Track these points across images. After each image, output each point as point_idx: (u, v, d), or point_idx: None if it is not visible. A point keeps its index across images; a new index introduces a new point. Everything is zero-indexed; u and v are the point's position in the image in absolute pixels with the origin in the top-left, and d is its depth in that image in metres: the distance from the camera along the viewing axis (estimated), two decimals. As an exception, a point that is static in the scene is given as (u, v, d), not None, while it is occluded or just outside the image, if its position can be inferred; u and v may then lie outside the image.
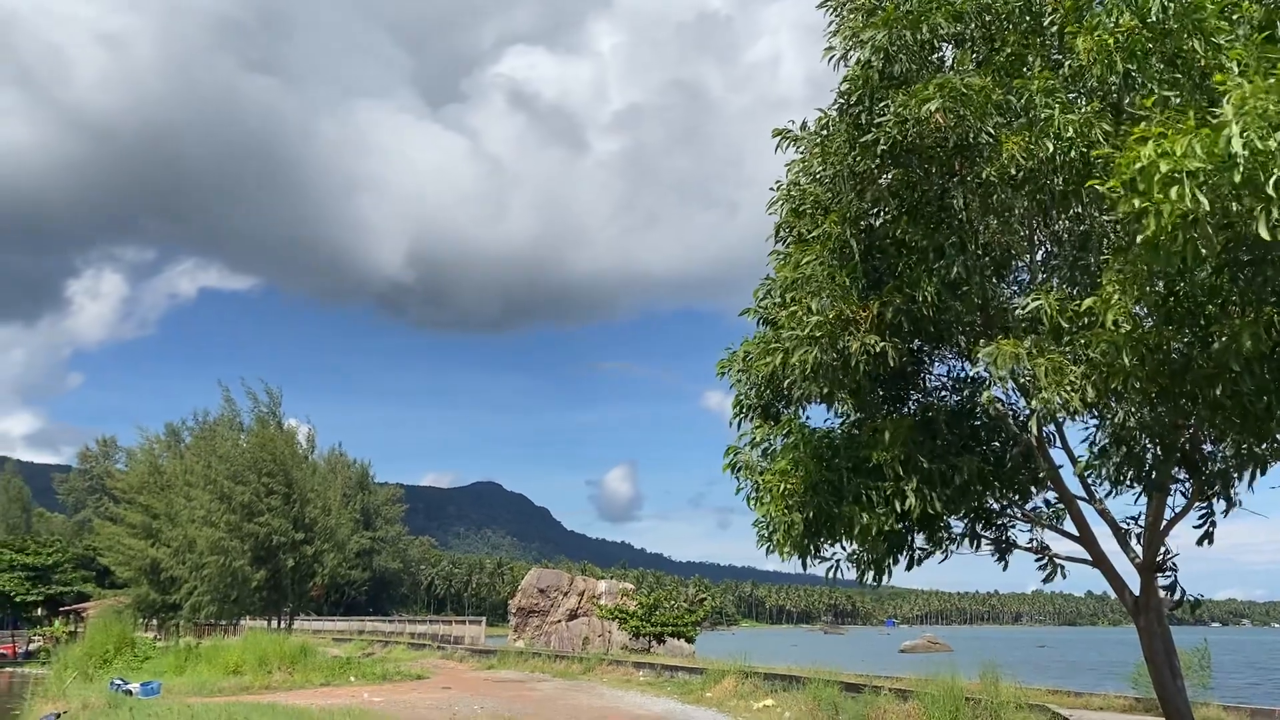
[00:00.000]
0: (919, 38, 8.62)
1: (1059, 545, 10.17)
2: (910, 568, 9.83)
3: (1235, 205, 6.15)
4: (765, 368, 9.31)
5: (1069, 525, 9.88)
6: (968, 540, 9.90)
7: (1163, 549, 9.40)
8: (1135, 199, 6.41)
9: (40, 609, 74.07)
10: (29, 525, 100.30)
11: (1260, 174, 5.93)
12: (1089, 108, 8.05)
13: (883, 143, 8.56)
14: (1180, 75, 7.74)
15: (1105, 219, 8.52)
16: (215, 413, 52.14)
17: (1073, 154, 7.98)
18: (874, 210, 9.32)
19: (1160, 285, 7.39)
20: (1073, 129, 7.93)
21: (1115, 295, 7.29)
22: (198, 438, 53.52)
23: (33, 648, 60.35)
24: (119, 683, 25.54)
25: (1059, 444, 9.61)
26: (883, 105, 8.67)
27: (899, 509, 8.91)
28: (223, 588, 43.25)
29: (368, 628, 62.22)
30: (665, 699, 23.77)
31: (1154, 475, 8.87)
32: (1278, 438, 7.92)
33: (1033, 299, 8.11)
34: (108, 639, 33.96)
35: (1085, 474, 9.30)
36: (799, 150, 9.86)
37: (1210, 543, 8.95)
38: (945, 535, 9.83)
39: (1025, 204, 8.70)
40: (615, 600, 41.36)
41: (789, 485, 9.33)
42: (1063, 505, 9.88)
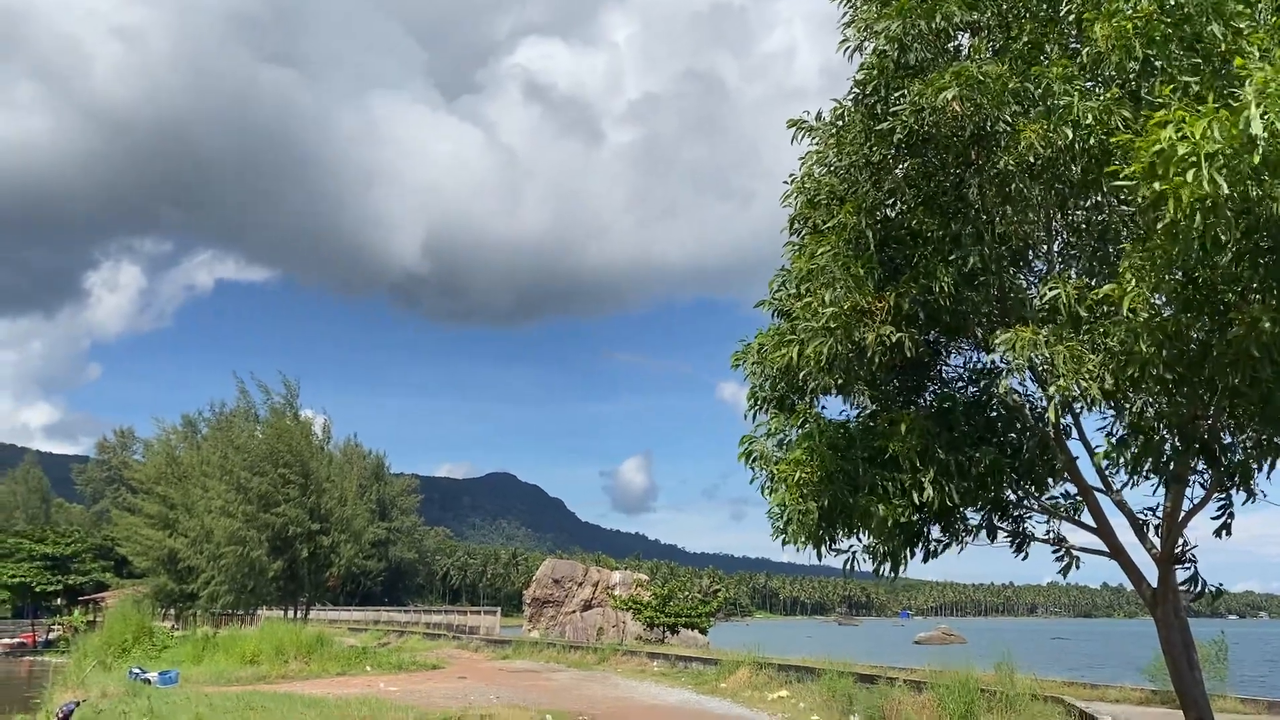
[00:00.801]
0: (934, 26, 8.55)
1: (1076, 537, 10.13)
2: (927, 560, 9.75)
3: (1255, 190, 6.09)
4: (780, 359, 9.28)
5: (1086, 517, 9.83)
6: (985, 532, 9.82)
7: (1181, 540, 9.35)
8: (1154, 183, 6.35)
9: (59, 598, 74.81)
10: (48, 516, 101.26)
11: (1281, 158, 5.88)
12: (1107, 95, 7.98)
13: (898, 132, 8.51)
14: (1200, 61, 7.66)
15: (1124, 208, 8.46)
16: (232, 404, 52.51)
17: (1091, 141, 7.92)
18: (890, 200, 9.28)
19: (1179, 272, 7.32)
20: (1091, 116, 7.87)
21: (1133, 283, 7.23)
22: (214, 429, 53.91)
23: (52, 636, 61.02)
24: (137, 672, 25.77)
25: (1076, 435, 9.54)
26: (898, 94, 8.61)
27: (916, 500, 8.88)
28: (240, 577, 43.58)
29: (383, 618, 62.70)
30: (680, 689, 23.84)
31: (1172, 466, 8.80)
32: (1298, 428, 7.85)
33: (1050, 288, 8.05)
34: (126, 628, 34.31)
35: (1103, 465, 9.22)
36: (814, 141, 9.81)
37: (1228, 534, 8.88)
38: (962, 527, 9.77)
39: (1043, 193, 8.65)
40: (629, 591, 41.47)
41: (804, 475, 9.25)
42: (1080, 496, 9.82)
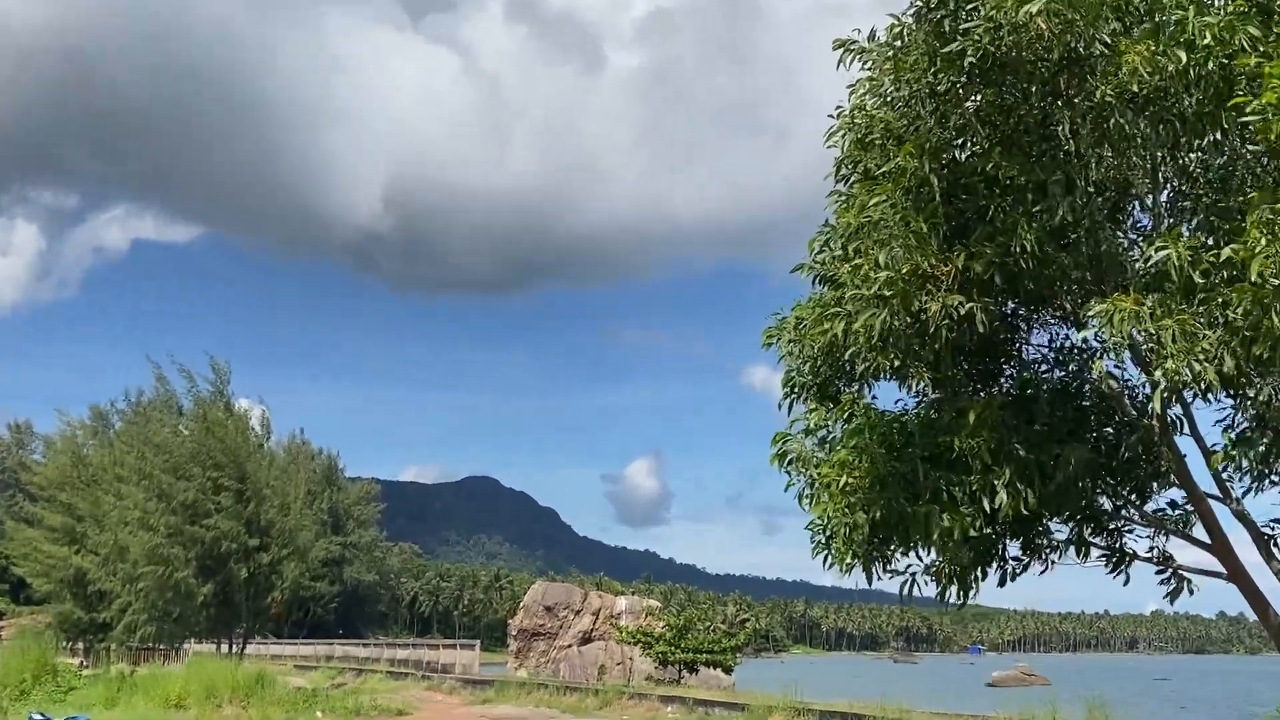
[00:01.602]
0: (1017, -78, 8.50)
1: (1186, 555, 10.13)
2: (1002, 583, 9.86)
3: None
4: (823, 336, 9.35)
5: (1199, 531, 9.83)
6: (1073, 548, 9.90)
7: (1317, 560, 9.34)
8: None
9: (-59, 630, 75.42)
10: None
11: None
12: (1231, 7, 7.92)
13: (970, 55, 8.49)
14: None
15: (1250, 148, 8.39)
16: (150, 393, 52.61)
17: (1210, 66, 7.87)
18: (959, 140, 9.26)
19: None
20: (1210, 35, 7.81)
21: (1262, 241, 7.19)
22: (129, 423, 54.07)
23: (-66, 676, 61.47)
24: (38, 718, 25.97)
25: (1187, 430, 9.54)
26: (971, 9, 8.58)
27: (988, 509, 8.92)
28: (162, 604, 43.77)
29: (338, 653, 63.05)
30: (699, 741, 23.94)
31: (1307, 468, 8.81)
32: None
33: (1158, 248, 8.03)
34: (24, 665, 34.54)
35: (1220, 467, 9.21)
36: (866, 66, 9.79)
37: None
38: (1045, 542, 9.85)
39: (1149, 130, 8.61)
40: (638, 621, 41.61)
41: (851, 480, 9.33)
42: (1191, 506, 9.82)
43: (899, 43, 9.48)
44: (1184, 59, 7.89)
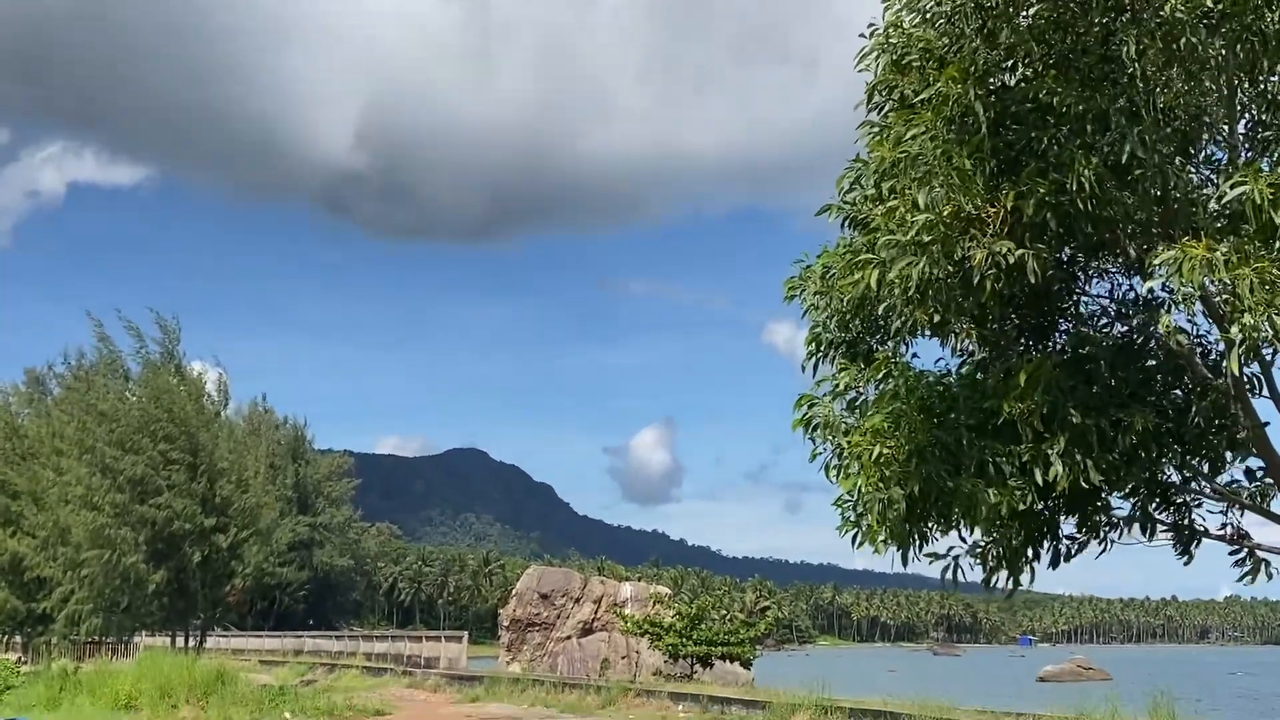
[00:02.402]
0: None
1: (1264, 534, 10.18)
2: (1055, 564, 9.95)
3: None
4: (853, 287, 9.43)
5: (1279, 505, 9.84)
6: (1136, 526, 9.94)
7: None
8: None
9: None
10: None
11: None
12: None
13: (1022, -37, 8.44)
14: None
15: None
16: (92, 355, 52.76)
17: (1295, -23, 7.80)
18: (1008, 62, 9.27)
19: None
20: (1296, -60, 7.74)
21: (1352, 179, 7.17)
22: (70, 389, 54.27)
23: None
24: (-27, 720, 26.21)
25: (1266, 392, 9.56)
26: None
27: (1040, 482, 9.00)
28: (109, 592, 44.13)
29: (308, 646, 63.42)
30: (714, 743, 24.12)
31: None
32: None
33: (1234, 184, 8.00)
34: (-44, 662, 34.76)
35: (1304, 433, 9.25)
36: (903, -24, 9.73)
37: None
38: (1104, 519, 9.94)
39: (1224, 51, 8.55)
40: (644, 609, 41.80)
41: (886, 449, 9.41)
42: (1270, 478, 9.84)
43: (940, -51, 9.42)
44: (1265, -32, 7.83)
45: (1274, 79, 9.10)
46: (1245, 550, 10.08)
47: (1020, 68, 9.22)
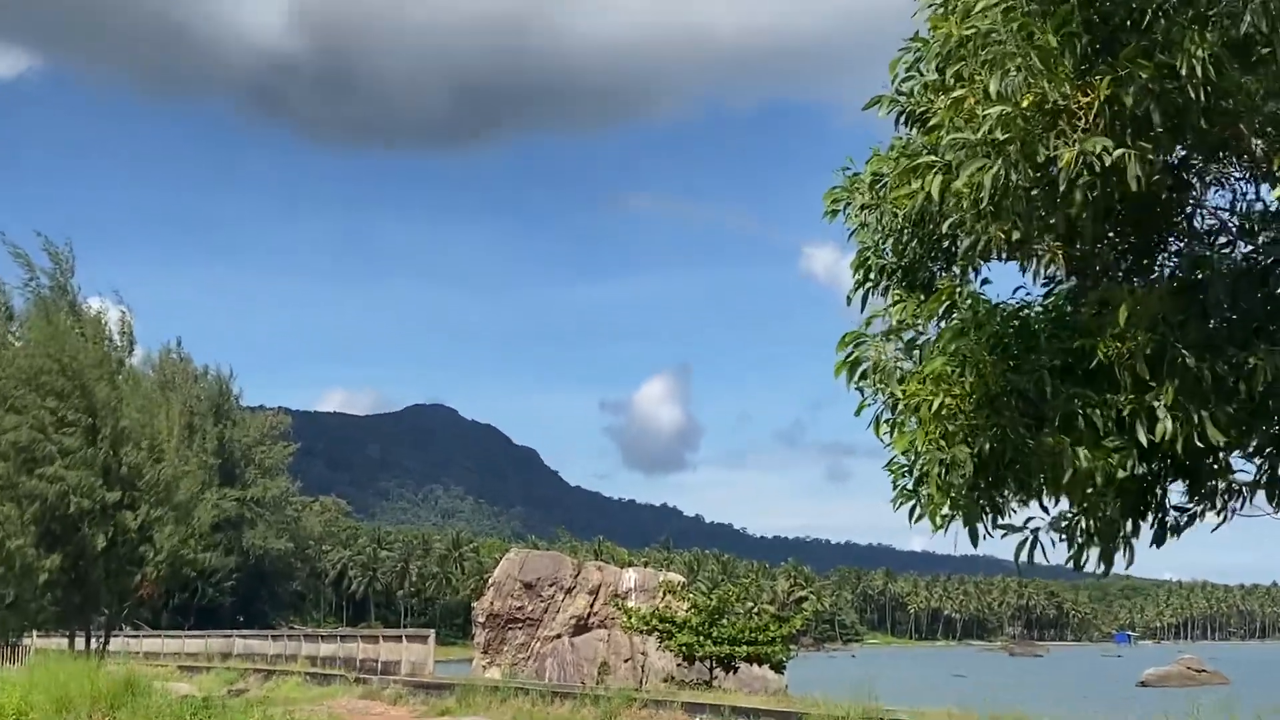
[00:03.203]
0: None
1: None
2: (1160, 542, 10.05)
3: None
4: (910, 199, 9.45)
5: None
6: (1262, 493, 9.86)
7: None
8: None
9: None
10: None
11: None
12: None
13: None
14: None
15: None
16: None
17: None
18: (1104, -86, 9.05)
19: None
20: None
21: None
22: (-63, 333, 54.23)
23: None
24: None
25: None
26: None
27: (1142, 439, 8.99)
28: (-9, 584, 44.37)
29: (238, 648, 64.06)
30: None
31: None
32: None
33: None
34: None
35: None
36: None
37: None
38: (1222, 484, 9.89)
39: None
40: (653, 601, 42.04)
41: (950, 399, 9.41)
42: None
43: None
44: None
45: None
46: (1399, 525, 10.06)
47: (1118, -80, 9.01)
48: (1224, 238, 10.20)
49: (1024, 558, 9.78)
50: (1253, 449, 9.74)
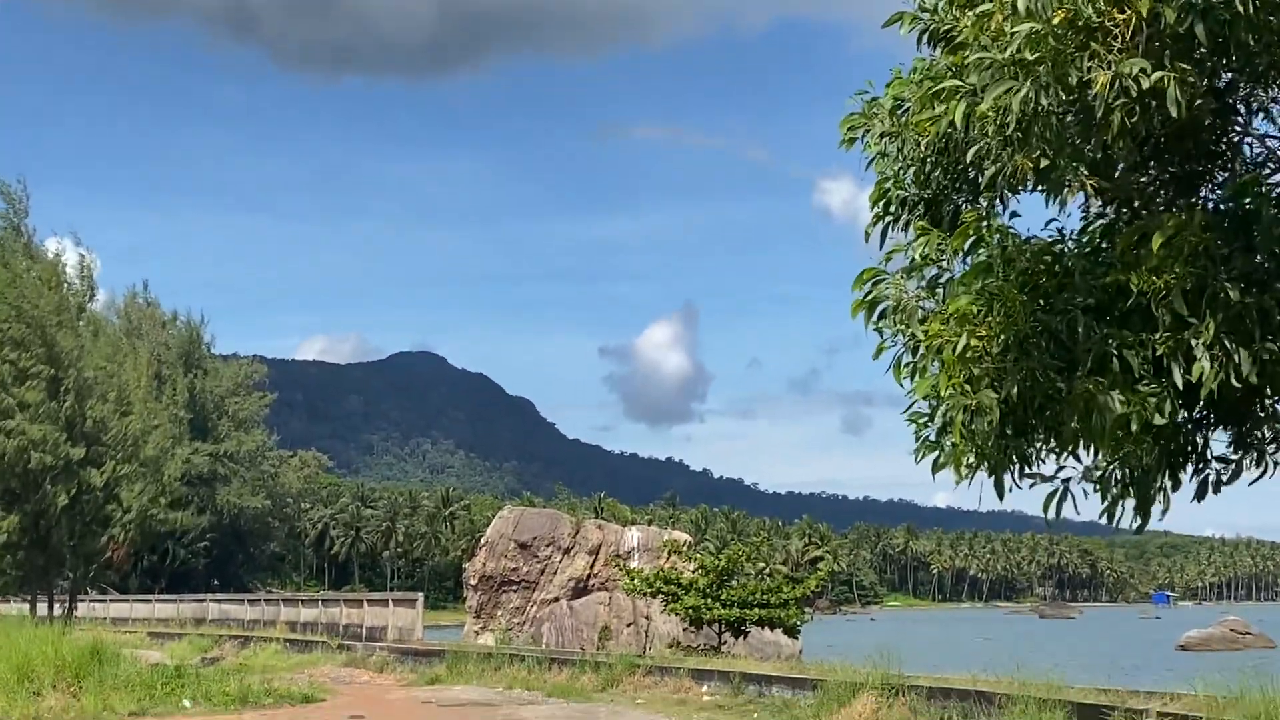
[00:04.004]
0: None
1: None
2: (1202, 495, 9.95)
3: None
4: (933, 125, 9.44)
5: None
6: (1310, 442, 9.86)
7: None
8: None
9: None
10: None
11: None
12: None
13: None
14: None
15: None
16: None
17: None
18: None
19: None
20: None
21: None
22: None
23: None
24: None
25: None
26: None
27: (1180, 383, 8.94)
28: (-56, 547, 44.54)
29: (213, 613, 64.32)
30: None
31: None
32: None
33: None
34: None
35: None
36: None
37: None
38: (1267, 433, 9.87)
39: None
40: (657, 562, 42.17)
41: (975, 341, 9.45)
42: None
43: None
44: None
45: None
46: None
47: None
48: (1271, 166, 10.09)
49: (1054, 511, 9.80)
50: (1299, 396, 9.71)
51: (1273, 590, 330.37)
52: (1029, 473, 9.86)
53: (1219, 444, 9.95)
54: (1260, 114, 10.16)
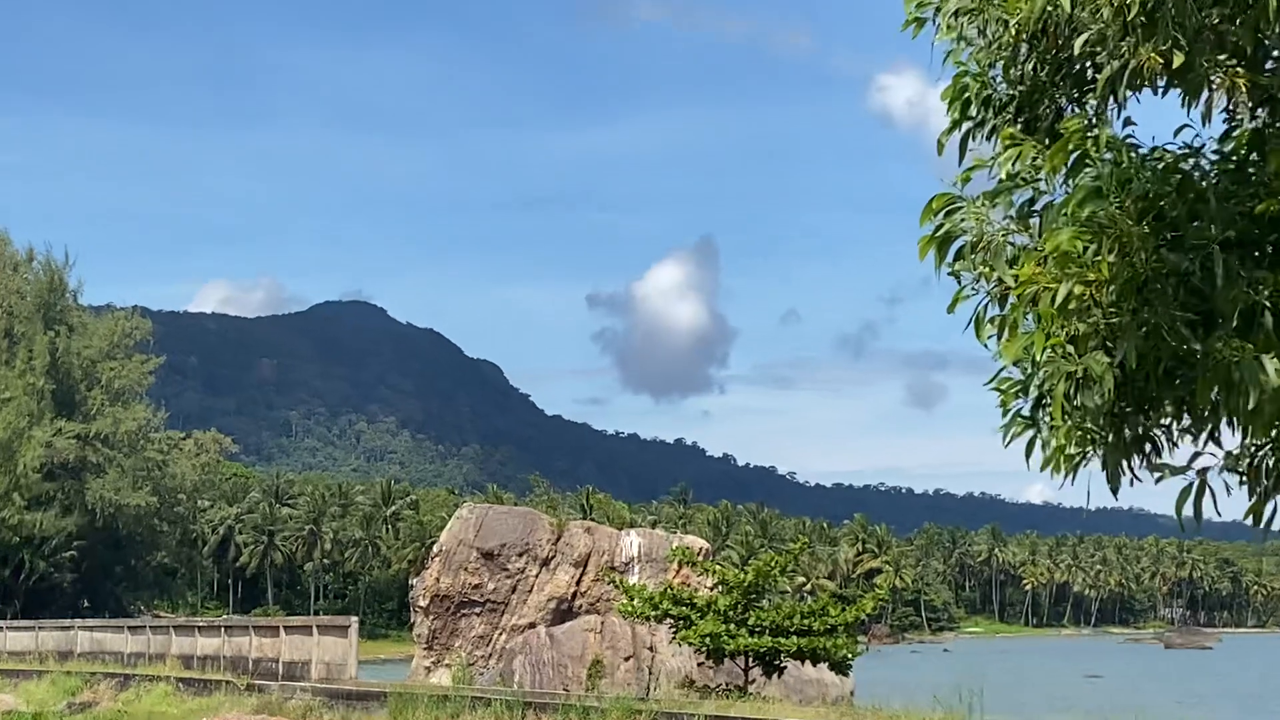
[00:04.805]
0: None
1: None
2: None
3: None
4: (1029, 5, 9.01)
5: None
6: None
7: None
8: None
9: None
10: None
11: None
12: None
13: None
14: None
15: None
16: None
17: None
18: None
19: None
20: None
21: None
22: None
23: None
24: None
25: None
26: None
27: (1351, 340, 8.67)
28: None
29: (83, 644, 63.53)
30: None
31: None
32: None
33: None
34: None
35: None
36: None
37: None
38: None
39: None
40: (664, 575, 41.17)
41: (1082, 287, 8.81)
42: None
43: None
44: None
45: None
46: None
47: None
48: None
49: (1188, 511, 9.14)
50: None
51: None
52: (1153, 462, 9.22)
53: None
54: None
